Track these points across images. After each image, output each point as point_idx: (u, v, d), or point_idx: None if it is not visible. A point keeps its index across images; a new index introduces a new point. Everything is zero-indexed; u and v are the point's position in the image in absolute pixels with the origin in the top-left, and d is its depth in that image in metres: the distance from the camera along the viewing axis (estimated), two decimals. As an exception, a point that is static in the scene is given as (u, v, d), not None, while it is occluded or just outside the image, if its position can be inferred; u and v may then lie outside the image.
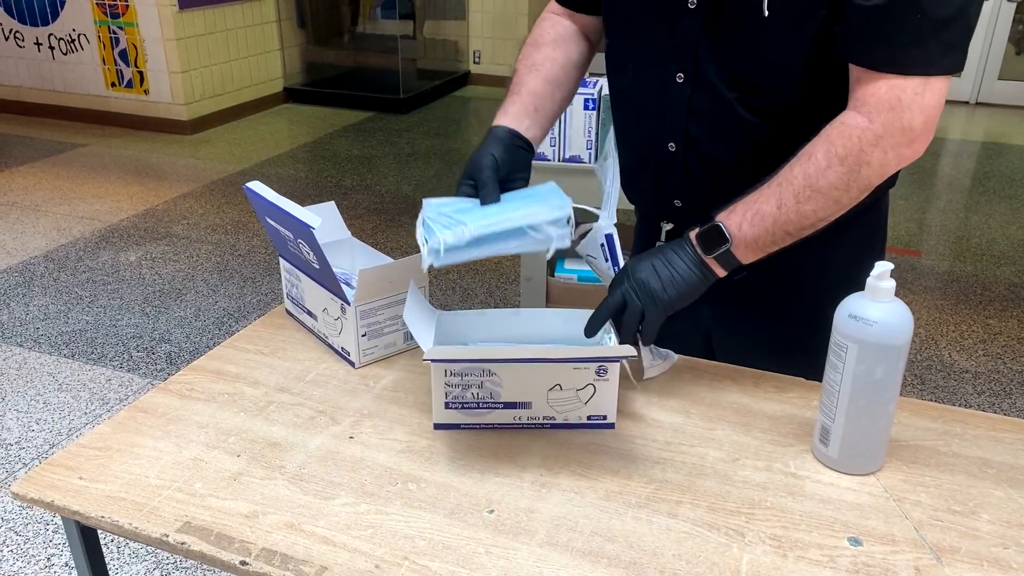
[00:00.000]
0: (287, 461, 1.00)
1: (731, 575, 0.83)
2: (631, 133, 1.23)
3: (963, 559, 0.85)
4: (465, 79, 6.75)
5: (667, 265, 1.03)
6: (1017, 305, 3.21)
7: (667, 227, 1.25)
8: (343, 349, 1.20)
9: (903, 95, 0.95)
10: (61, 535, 2.01)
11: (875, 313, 0.90)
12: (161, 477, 0.97)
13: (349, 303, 1.14)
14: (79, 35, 5.32)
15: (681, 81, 1.10)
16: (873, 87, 0.96)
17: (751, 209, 1.01)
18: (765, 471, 0.98)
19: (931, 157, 5.05)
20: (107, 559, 1.94)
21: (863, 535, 0.88)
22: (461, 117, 5.97)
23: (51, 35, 5.40)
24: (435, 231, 1.02)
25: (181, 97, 5.22)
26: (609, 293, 1.06)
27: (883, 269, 0.90)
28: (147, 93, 5.30)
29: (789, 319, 1.21)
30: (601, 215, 1.10)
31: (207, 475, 0.97)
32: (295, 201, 1.13)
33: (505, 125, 1.17)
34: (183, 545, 0.87)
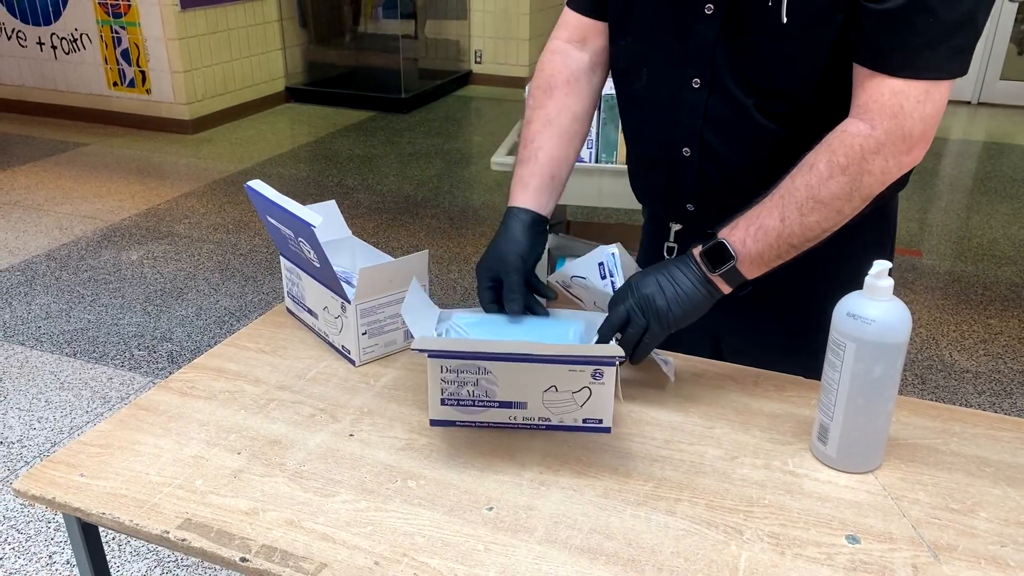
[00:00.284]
0: (287, 458, 1.00)
1: (729, 572, 0.83)
2: (643, 136, 1.22)
3: (960, 557, 0.85)
4: (466, 79, 6.75)
5: (672, 282, 1.03)
6: (1018, 305, 3.21)
7: (676, 227, 1.25)
8: (343, 347, 1.21)
9: (906, 103, 0.95)
10: (63, 533, 2.02)
11: (873, 312, 0.90)
12: (162, 474, 0.97)
13: (350, 301, 1.15)
14: (81, 35, 5.33)
15: (697, 86, 1.09)
16: (877, 92, 0.96)
17: (754, 224, 1.00)
18: (764, 469, 0.98)
19: (933, 157, 5.04)
20: (108, 557, 1.94)
21: (861, 533, 0.88)
22: (462, 117, 5.98)
23: (53, 35, 5.41)
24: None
25: (183, 96, 5.23)
26: (611, 309, 1.06)
27: (881, 268, 0.90)
28: (149, 93, 5.31)
29: (799, 320, 1.21)
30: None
31: (208, 472, 0.98)
32: (297, 201, 1.14)
33: (528, 209, 1.16)
34: (183, 542, 0.88)
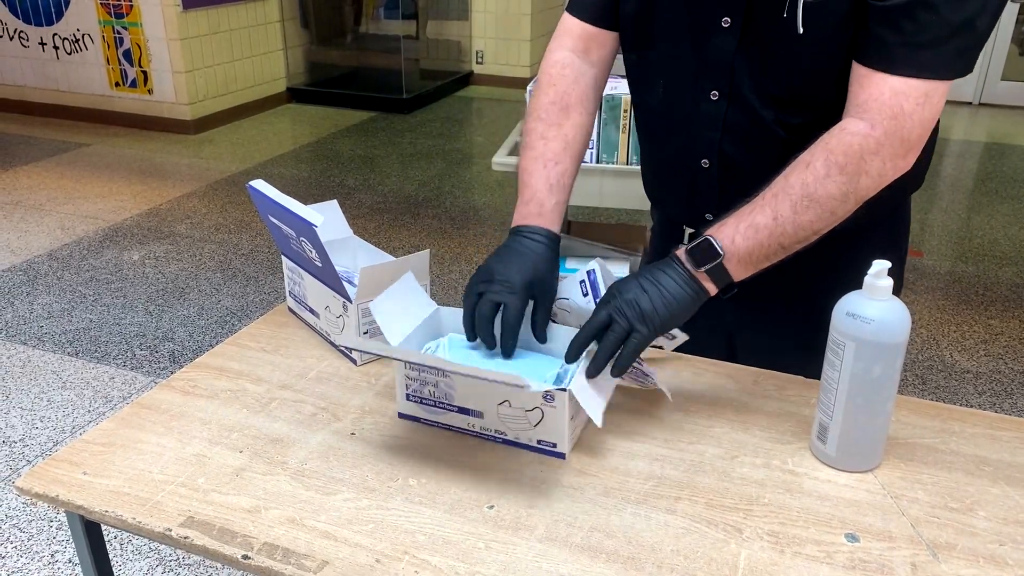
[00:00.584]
0: (289, 457, 1.01)
1: (729, 570, 0.84)
2: (660, 145, 1.22)
3: (959, 555, 0.85)
4: (468, 79, 6.76)
5: (656, 284, 0.99)
6: (1019, 305, 3.22)
7: (690, 231, 1.24)
8: (345, 347, 1.21)
9: (906, 104, 0.94)
10: (65, 532, 2.02)
11: (873, 311, 0.91)
12: (164, 472, 0.98)
13: (351, 301, 1.15)
14: (83, 35, 5.34)
15: (715, 99, 1.09)
16: (877, 91, 0.95)
17: (744, 221, 0.98)
18: (763, 468, 0.99)
19: (934, 157, 4.99)
20: (110, 555, 1.95)
21: (860, 531, 0.89)
22: (464, 117, 5.98)
23: (55, 35, 5.42)
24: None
25: (185, 97, 5.24)
26: (593, 314, 1.01)
27: (880, 267, 0.90)
28: (151, 93, 5.31)
29: (812, 321, 1.19)
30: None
31: (210, 471, 0.98)
32: (298, 201, 1.14)
33: (549, 231, 1.10)
34: (186, 539, 0.88)
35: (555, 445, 1.00)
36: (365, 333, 1.18)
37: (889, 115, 0.95)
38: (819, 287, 1.17)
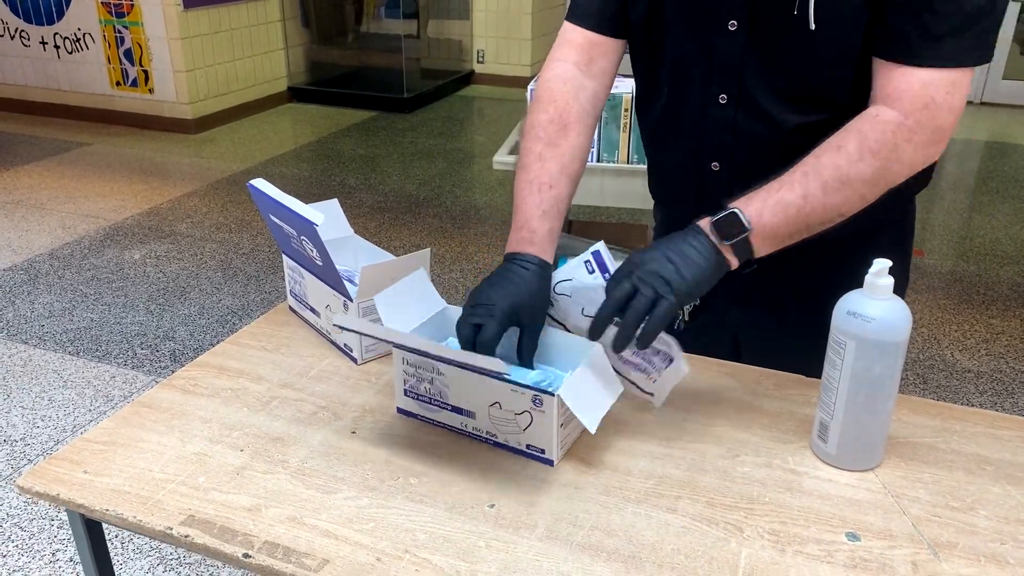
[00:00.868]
0: (290, 456, 1.01)
1: (729, 569, 0.84)
2: (668, 152, 1.21)
3: (960, 554, 0.85)
4: (469, 78, 6.75)
5: (679, 253, 0.96)
6: (1020, 305, 3.21)
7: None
8: (346, 345, 1.21)
9: (936, 94, 0.95)
10: (66, 531, 2.03)
11: (873, 310, 0.91)
12: (165, 471, 0.98)
13: (352, 300, 1.15)
14: (84, 34, 5.34)
15: (724, 102, 1.09)
16: (906, 83, 0.96)
17: (772, 197, 0.98)
18: (764, 467, 0.99)
19: (935, 157, 5.04)
20: (112, 554, 1.95)
21: (861, 530, 0.89)
22: (465, 116, 5.98)
23: (56, 34, 5.42)
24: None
25: (186, 96, 5.24)
26: (613, 288, 0.96)
27: (881, 266, 0.90)
28: (152, 92, 5.32)
29: (819, 324, 1.20)
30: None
31: (211, 469, 0.98)
32: (301, 200, 1.14)
33: (540, 258, 1.07)
34: (187, 538, 0.88)
35: (543, 451, 0.98)
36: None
37: (920, 105, 0.95)
38: (826, 289, 1.16)
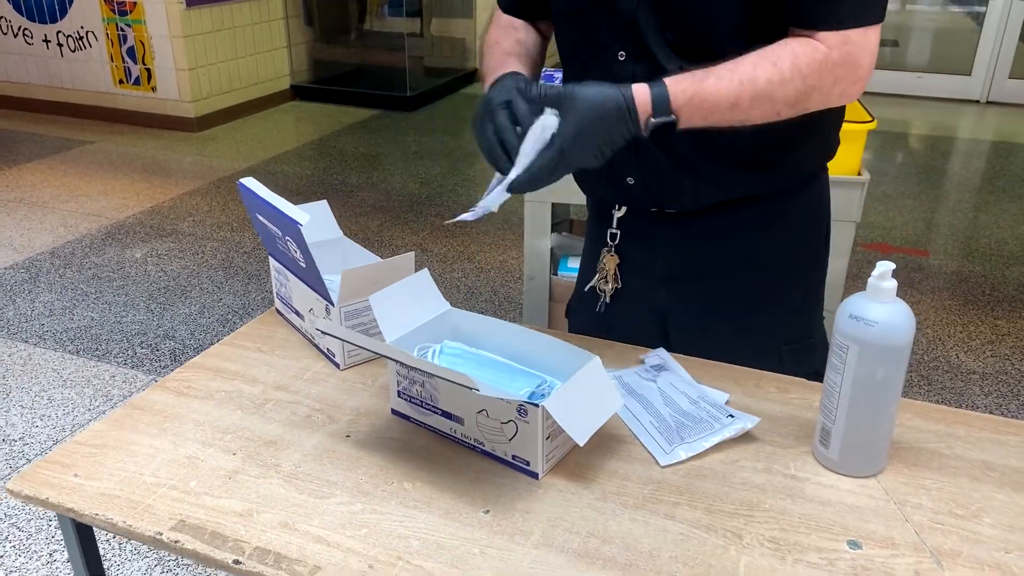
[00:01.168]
0: (283, 459, 0.99)
1: (728, 578, 0.82)
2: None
3: (964, 563, 0.84)
4: (472, 77, 6.73)
5: (609, 143, 0.99)
6: (1026, 306, 3.19)
7: (618, 213, 1.27)
8: (328, 350, 1.19)
9: (851, 35, 1.00)
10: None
11: (876, 314, 0.89)
12: (156, 475, 0.97)
13: (334, 304, 1.13)
14: (87, 32, 5.33)
15: (623, 59, 1.12)
16: (823, 34, 1.00)
17: (706, 97, 0.99)
18: (765, 473, 0.97)
19: (940, 156, 5.01)
20: (108, 556, 1.94)
21: (863, 538, 0.87)
22: (468, 115, 5.97)
23: (59, 32, 5.42)
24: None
25: (188, 94, 5.23)
26: (542, 147, 0.98)
27: (884, 269, 0.89)
28: (154, 90, 5.31)
29: (740, 302, 1.25)
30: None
31: (202, 473, 0.97)
32: (301, 199, 1.12)
33: (510, 72, 1.12)
34: (176, 544, 0.87)
35: (528, 463, 0.96)
36: None
37: (841, 42, 0.99)
38: (745, 260, 1.23)
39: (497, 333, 1.10)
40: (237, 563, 0.84)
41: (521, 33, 1.27)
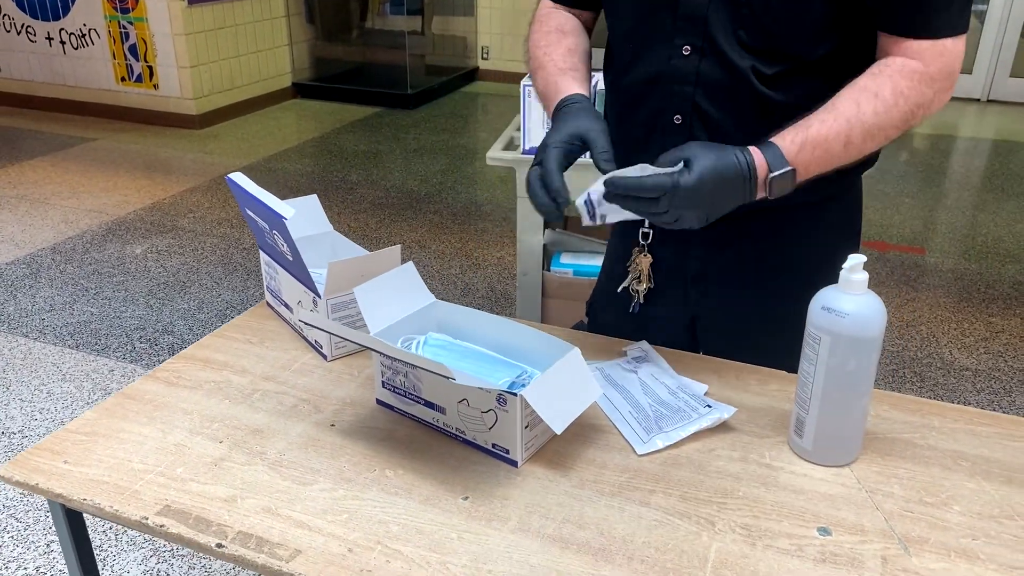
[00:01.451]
0: (268, 447, 1.01)
1: (699, 562, 0.84)
2: (631, 113, 1.22)
3: (931, 549, 0.85)
4: (473, 75, 6.75)
5: (719, 206, 1.01)
6: (1021, 303, 3.20)
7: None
8: (316, 342, 1.21)
9: (947, 45, 1.01)
10: (61, 522, 2.04)
11: (848, 305, 0.91)
12: (144, 462, 0.99)
13: (321, 296, 1.15)
14: (89, 30, 5.36)
15: (688, 53, 1.10)
16: (919, 45, 1.01)
17: (818, 145, 1.01)
18: (740, 462, 0.99)
19: (940, 155, 5.02)
20: (104, 546, 1.97)
21: (833, 525, 0.89)
22: (469, 113, 5.98)
23: (62, 30, 5.45)
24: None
25: (190, 92, 5.26)
26: (654, 191, 0.97)
27: (856, 262, 0.90)
28: (156, 88, 5.34)
29: (771, 305, 1.23)
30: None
31: (189, 460, 0.99)
32: (301, 196, 1.15)
33: (575, 93, 1.14)
34: (161, 527, 0.89)
35: (508, 452, 0.98)
36: None
37: (937, 54, 1.01)
38: (778, 271, 1.22)
39: (481, 325, 1.11)
40: (220, 547, 0.86)
41: (571, 39, 1.23)
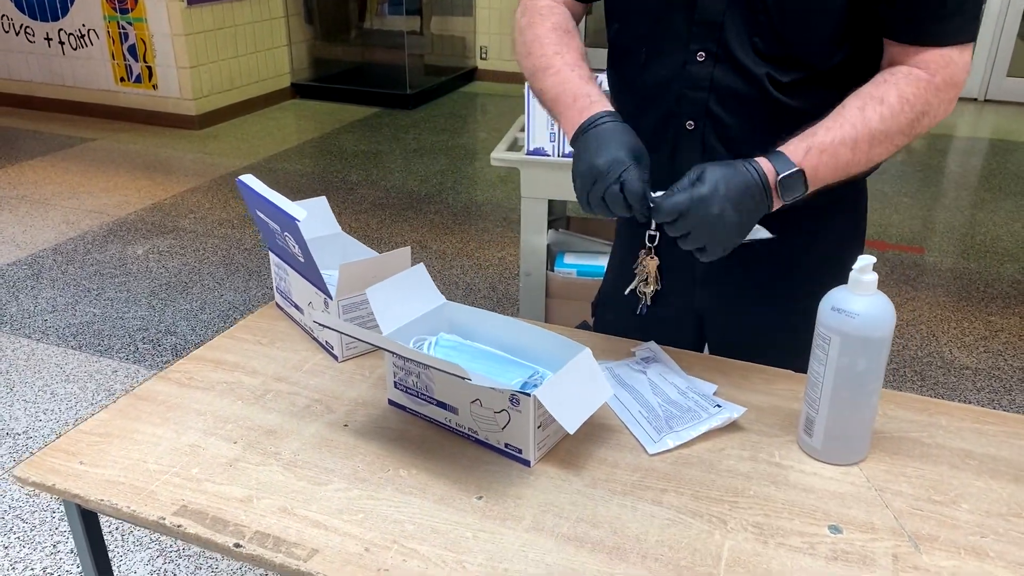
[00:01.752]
0: (282, 448, 1.02)
1: (712, 560, 0.85)
2: (641, 116, 1.21)
3: (941, 547, 0.86)
4: (472, 75, 6.76)
5: (741, 226, 1.01)
6: (1020, 302, 3.21)
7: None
8: (327, 343, 1.22)
9: (952, 54, 1.02)
10: (67, 523, 2.04)
11: (857, 306, 0.92)
12: (159, 462, 0.99)
13: (332, 297, 1.16)
14: (89, 30, 5.36)
15: (702, 59, 1.10)
16: (926, 55, 1.02)
17: (825, 150, 1.01)
18: (750, 461, 1.00)
19: (938, 154, 5.04)
20: (111, 547, 1.97)
21: (843, 523, 0.90)
22: (468, 113, 5.99)
23: (61, 30, 5.44)
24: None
25: (189, 92, 5.26)
26: (673, 212, 0.98)
27: (865, 262, 0.91)
28: (156, 88, 5.34)
29: (777, 308, 1.24)
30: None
31: (204, 461, 1.00)
32: (302, 196, 1.15)
33: (610, 111, 1.10)
34: (179, 528, 0.90)
35: (521, 451, 0.99)
36: None
37: (943, 64, 1.02)
38: (784, 275, 1.22)
39: (492, 326, 1.12)
40: (238, 546, 0.87)
41: (576, 40, 1.20)
